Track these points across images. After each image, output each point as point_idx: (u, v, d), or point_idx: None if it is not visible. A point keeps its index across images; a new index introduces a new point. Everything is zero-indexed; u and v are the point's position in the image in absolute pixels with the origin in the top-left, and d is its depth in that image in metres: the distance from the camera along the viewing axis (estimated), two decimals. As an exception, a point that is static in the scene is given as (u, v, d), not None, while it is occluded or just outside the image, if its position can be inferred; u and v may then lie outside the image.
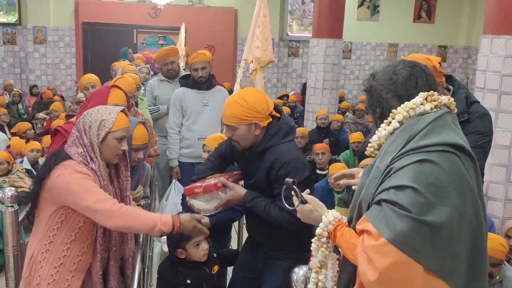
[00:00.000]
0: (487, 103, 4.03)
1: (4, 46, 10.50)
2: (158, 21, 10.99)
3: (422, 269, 1.35)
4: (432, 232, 1.35)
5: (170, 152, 4.35)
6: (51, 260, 2.14)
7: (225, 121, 2.39)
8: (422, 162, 1.40)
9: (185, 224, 2.14)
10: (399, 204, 1.37)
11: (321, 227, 1.66)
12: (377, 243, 1.37)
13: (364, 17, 11.75)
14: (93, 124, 2.13)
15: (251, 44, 4.59)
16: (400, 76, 1.58)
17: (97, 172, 2.11)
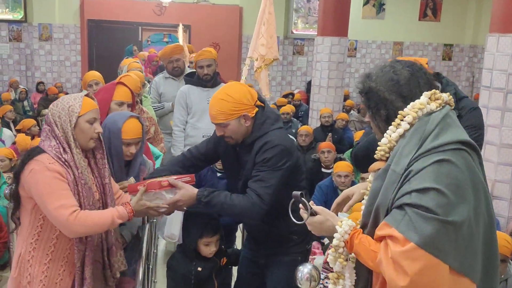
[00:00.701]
0: (494, 101, 4.02)
1: (10, 43, 10.54)
2: (163, 18, 11.00)
3: (448, 269, 1.37)
4: (455, 232, 1.37)
5: (175, 149, 4.35)
6: (40, 258, 2.14)
7: (213, 120, 2.39)
8: (440, 162, 1.41)
9: (136, 208, 2.19)
10: (424, 207, 1.37)
11: (337, 238, 1.61)
12: (405, 248, 1.37)
13: (370, 15, 11.72)
14: (62, 113, 2.11)
15: (256, 41, 4.59)
16: (402, 76, 1.57)
17: (70, 163, 2.09)
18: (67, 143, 2.11)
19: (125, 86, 3.06)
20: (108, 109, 2.94)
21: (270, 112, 2.45)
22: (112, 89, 2.99)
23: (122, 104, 2.98)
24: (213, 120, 2.40)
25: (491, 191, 4.02)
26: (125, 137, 2.54)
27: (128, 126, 2.55)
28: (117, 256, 2.36)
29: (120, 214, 2.13)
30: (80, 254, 2.16)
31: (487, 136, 4.05)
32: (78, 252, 2.15)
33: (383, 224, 1.46)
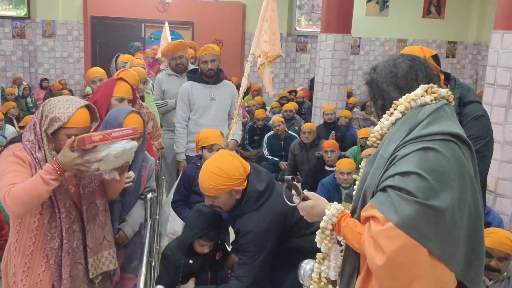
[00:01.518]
0: (497, 99, 4.00)
1: (13, 39, 10.56)
2: (166, 15, 10.98)
3: (427, 253, 1.42)
4: (436, 217, 1.42)
5: (177, 146, 4.35)
6: (22, 249, 2.15)
7: (205, 192, 2.46)
8: (426, 149, 1.47)
9: (62, 161, 1.98)
10: (405, 189, 1.43)
11: (325, 220, 1.69)
12: (384, 227, 1.42)
13: (373, 12, 11.68)
14: (49, 115, 2.07)
15: (259, 38, 4.57)
16: (401, 69, 1.63)
17: (41, 162, 2.05)
18: (43, 143, 2.09)
19: (125, 82, 3.06)
20: (108, 105, 2.93)
21: (252, 190, 2.48)
22: (112, 85, 2.98)
23: (122, 100, 2.97)
24: (205, 192, 2.47)
25: (494, 189, 4.00)
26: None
27: (130, 121, 2.55)
28: (98, 257, 2.30)
29: (46, 170, 1.97)
30: (53, 252, 2.14)
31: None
32: (51, 249, 2.14)
33: (368, 205, 1.53)
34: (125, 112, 2.59)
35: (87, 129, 2.13)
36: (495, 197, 4.01)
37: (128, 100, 3.01)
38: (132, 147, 2.13)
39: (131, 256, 2.70)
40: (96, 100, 2.94)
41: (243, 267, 2.45)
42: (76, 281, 2.22)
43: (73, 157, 1.97)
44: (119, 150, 2.07)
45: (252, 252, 2.44)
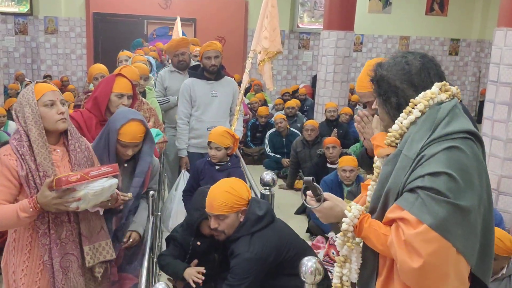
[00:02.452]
0: (500, 96, 3.99)
1: (15, 36, 10.56)
2: (169, 12, 10.98)
3: (455, 251, 1.43)
4: (463, 216, 1.43)
5: (179, 142, 4.35)
6: (20, 248, 2.17)
7: (215, 211, 2.50)
8: (451, 148, 1.47)
9: (41, 201, 2.02)
10: (436, 189, 1.43)
11: (347, 222, 1.63)
12: (419, 230, 1.41)
13: (376, 9, 11.65)
14: (21, 106, 2.14)
15: (260, 35, 4.57)
16: (414, 66, 1.61)
17: (25, 156, 2.09)
18: (27, 135, 2.11)
19: (125, 78, 3.04)
20: (108, 101, 2.92)
21: (251, 213, 2.56)
22: (111, 81, 2.96)
23: (122, 96, 2.94)
24: (214, 211, 2.51)
25: (497, 187, 3.99)
26: (121, 138, 2.52)
27: (127, 129, 2.53)
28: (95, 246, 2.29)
29: (23, 207, 2.03)
30: (46, 247, 2.15)
31: (494, 131, 4.02)
32: (43, 246, 2.15)
33: (395, 207, 1.50)
34: (125, 119, 2.55)
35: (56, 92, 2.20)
36: (497, 194, 4.00)
37: (128, 96, 2.97)
38: (112, 184, 2.16)
39: (131, 256, 2.68)
40: (96, 96, 2.93)
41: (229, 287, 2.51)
42: (70, 273, 2.21)
43: (52, 197, 2.01)
44: (97, 189, 2.09)
45: (238, 276, 2.48)
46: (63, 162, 2.22)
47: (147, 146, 2.66)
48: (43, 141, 2.11)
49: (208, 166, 3.49)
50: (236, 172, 3.48)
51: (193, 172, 3.59)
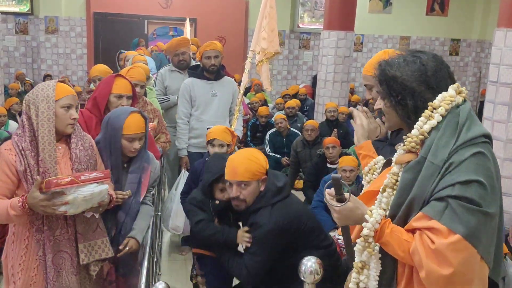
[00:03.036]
0: (500, 97, 3.99)
1: (16, 35, 10.57)
2: (169, 11, 10.98)
3: (480, 258, 1.43)
4: (489, 223, 1.43)
5: (179, 142, 4.36)
6: (19, 242, 2.19)
7: (238, 177, 2.49)
8: (477, 154, 1.45)
9: (29, 201, 2.03)
10: (468, 198, 1.40)
11: (368, 228, 1.55)
12: (451, 240, 1.39)
13: (376, 9, 11.65)
14: (37, 100, 2.14)
15: (258, 35, 4.58)
16: (429, 67, 1.56)
17: (25, 151, 2.11)
18: (32, 130, 2.13)
19: (124, 78, 3.04)
20: (107, 102, 2.92)
21: (271, 184, 2.56)
22: (111, 82, 2.96)
23: (121, 97, 2.94)
24: (237, 177, 2.49)
25: (497, 187, 4.00)
26: (127, 132, 2.52)
27: (130, 121, 2.53)
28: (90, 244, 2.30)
29: (13, 204, 2.06)
30: (40, 243, 2.17)
31: (494, 131, 4.02)
32: (37, 241, 2.17)
33: (421, 215, 1.46)
34: (126, 113, 2.56)
35: (75, 97, 2.24)
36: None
37: (127, 97, 2.97)
38: (102, 190, 2.15)
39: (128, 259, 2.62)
40: (95, 97, 2.93)
41: (252, 257, 2.50)
42: (62, 271, 2.22)
43: (39, 199, 2.01)
44: (87, 194, 2.08)
45: (261, 246, 2.48)
46: (64, 159, 2.23)
47: (145, 145, 2.66)
48: (51, 139, 2.13)
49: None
50: None
51: (192, 173, 3.57)
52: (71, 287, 2.24)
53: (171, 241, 4.76)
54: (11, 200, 2.08)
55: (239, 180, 2.49)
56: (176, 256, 4.48)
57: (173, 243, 4.73)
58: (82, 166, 2.26)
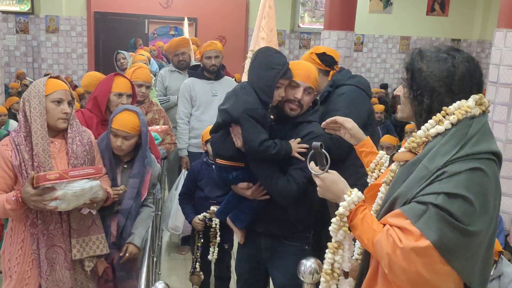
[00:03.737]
0: (500, 97, 3.99)
1: (16, 34, 10.57)
2: (170, 11, 10.99)
3: (450, 269, 1.38)
4: (470, 240, 1.38)
5: (180, 142, 4.36)
6: (16, 236, 2.21)
7: (310, 82, 2.38)
8: (475, 170, 1.39)
9: (22, 195, 2.06)
10: (450, 212, 1.36)
11: (344, 206, 1.59)
12: (420, 245, 1.36)
13: (377, 9, 11.65)
14: (30, 97, 2.18)
15: (257, 35, 4.59)
16: (459, 71, 1.49)
17: (20, 146, 2.14)
18: (27, 126, 2.15)
19: (123, 77, 3.06)
20: (107, 101, 2.93)
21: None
22: (110, 81, 2.97)
23: (120, 95, 2.95)
24: (309, 81, 2.38)
25: (496, 187, 4.00)
26: (113, 126, 2.55)
27: (119, 116, 2.56)
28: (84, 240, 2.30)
29: (8, 199, 2.09)
30: (34, 237, 2.19)
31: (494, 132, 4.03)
32: (31, 235, 2.19)
33: (399, 213, 1.43)
34: (120, 110, 2.60)
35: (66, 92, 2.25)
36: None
37: (127, 95, 2.99)
38: (93, 186, 2.15)
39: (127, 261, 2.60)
40: (95, 96, 2.94)
41: (301, 172, 2.32)
42: (55, 265, 2.23)
43: (30, 194, 2.04)
44: (77, 189, 2.09)
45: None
46: (60, 154, 2.25)
47: (143, 149, 2.63)
48: (43, 133, 2.16)
49: (205, 167, 3.47)
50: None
51: (190, 174, 3.54)
52: (65, 281, 2.25)
53: (170, 241, 4.77)
54: (7, 195, 2.11)
55: (309, 85, 2.36)
56: (176, 256, 4.49)
57: (172, 243, 4.74)
58: (79, 162, 2.27)
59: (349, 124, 2.05)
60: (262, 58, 2.35)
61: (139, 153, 2.63)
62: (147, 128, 2.67)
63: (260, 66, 2.33)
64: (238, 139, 2.29)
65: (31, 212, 2.17)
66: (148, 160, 2.67)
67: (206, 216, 3.35)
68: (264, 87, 2.28)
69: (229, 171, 2.41)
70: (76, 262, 2.30)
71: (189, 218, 3.42)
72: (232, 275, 3.80)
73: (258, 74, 2.32)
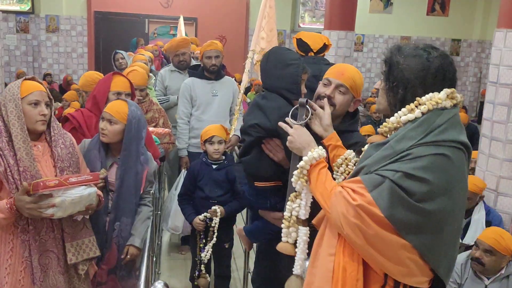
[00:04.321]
0: (500, 97, 3.99)
1: (17, 34, 10.58)
2: (170, 11, 11.00)
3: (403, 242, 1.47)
4: (426, 218, 1.47)
5: (179, 142, 4.36)
6: (3, 246, 2.16)
7: (342, 80, 2.11)
8: (438, 155, 1.49)
9: (16, 204, 2.03)
10: (404, 188, 1.46)
11: (305, 160, 1.74)
12: (372, 210, 1.47)
13: (377, 9, 11.65)
14: (5, 101, 2.11)
15: (258, 35, 4.59)
16: (433, 66, 1.58)
17: (4, 151, 2.07)
18: (7, 131, 2.09)
19: (122, 76, 3.06)
20: (106, 100, 2.94)
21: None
22: (109, 80, 2.98)
23: (119, 94, 2.96)
24: (341, 78, 2.12)
25: (496, 188, 4.00)
26: (105, 109, 2.58)
27: (111, 103, 2.61)
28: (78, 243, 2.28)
29: (0, 207, 2.04)
30: (25, 243, 2.14)
31: (493, 132, 4.03)
32: (23, 242, 2.13)
33: (358, 180, 1.55)
34: (112, 100, 2.66)
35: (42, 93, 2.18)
36: (496, 195, 4.01)
37: (126, 94, 2.99)
38: (91, 193, 2.14)
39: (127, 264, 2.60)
40: (95, 95, 2.95)
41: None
42: (49, 270, 2.19)
43: (26, 201, 2.00)
44: (75, 196, 2.07)
45: None
46: (44, 157, 2.20)
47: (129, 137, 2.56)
48: (24, 136, 2.10)
49: (205, 167, 3.46)
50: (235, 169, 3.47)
51: (189, 174, 3.52)
52: (59, 286, 2.22)
53: (170, 241, 4.77)
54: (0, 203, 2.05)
55: (341, 82, 2.11)
56: (176, 256, 4.49)
57: (172, 242, 4.74)
58: (65, 164, 2.23)
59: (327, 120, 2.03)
60: (276, 58, 2.21)
61: (124, 141, 2.56)
62: (138, 122, 2.60)
63: (277, 66, 2.18)
64: (277, 153, 2.12)
65: (22, 218, 2.12)
66: (145, 157, 2.65)
67: (207, 216, 3.35)
68: (289, 85, 2.13)
69: (267, 196, 2.21)
70: (70, 266, 2.27)
71: (190, 219, 3.42)
72: (232, 275, 3.81)
73: (278, 75, 2.16)
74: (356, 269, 1.54)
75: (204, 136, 3.48)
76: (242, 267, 3.84)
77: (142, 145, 2.64)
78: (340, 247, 1.58)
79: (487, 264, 2.82)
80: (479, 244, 2.85)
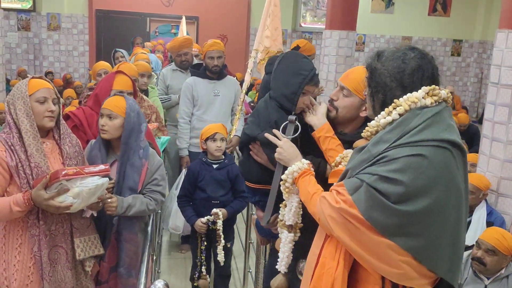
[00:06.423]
0: (501, 98, 3.99)
1: (18, 32, 10.58)
2: (171, 9, 11.00)
3: (391, 244, 1.48)
4: (407, 219, 1.47)
5: (180, 141, 4.36)
6: (11, 243, 2.19)
7: (346, 82, 2.09)
8: (414, 156, 1.48)
9: (33, 197, 2.06)
10: (380, 190, 1.48)
11: (286, 174, 1.86)
12: (352, 212, 1.51)
13: (379, 9, 11.64)
14: (14, 99, 2.16)
15: (262, 34, 4.58)
16: (409, 66, 1.58)
17: (15, 146, 2.12)
18: (17, 128, 2.14)
19: (124, 75, 3.06)
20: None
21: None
22: (111, 79, 2.99)
23: (122, 93, 2.96)
24: (345, 81, 2.10)
25: (497, 188, 4.00)
26: (103, 106, 2.58)
27: (108, 99, 2.62)
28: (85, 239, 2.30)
29: (16, 201, 2.06)
30: (35, 238, 2.16)
31: (494, 132, 4.02)
32: (32, 237, 2.16)
33: (341, 183, 1.60)
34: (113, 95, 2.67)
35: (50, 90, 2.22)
36: (497, 196, 4.00)
37: (128, 93, 2.99)
38: (104, 183, 2.18)
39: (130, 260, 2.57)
40: (97, 94, 2.95)
41: None
42: (57, 265, 2.22)
43: (44, 197, 2.04)
44: (92, 186, 2.11)
45: None
46: (53, 154, 2.24)
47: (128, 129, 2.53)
48: (34, 133, 2.15)
49: (205, 167, 3.45)
50: (235, 168, 3.47)
51: (189, 176, 3.49)
52: (67, 281, 2.25)
53: (170, 240, 4.77)
54: (13, 197, 2.08)
55: (343, 84, 2.09)
56: (176, 255, 4.50)
57: (172, 241, 4.74)
58: (73, 162, 2.28)
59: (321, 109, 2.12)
60: (290, 63, 2.15)
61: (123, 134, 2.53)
62: (137, 115, 2.58)
63: (287, 71, 2.13)
64: (262, 155, 2.13)
65: (31, 213, 2.15)
66: (145, 152, 2.59)
67: (210, 220, 3.33)
68: (289, 93, 2.08)
69: (254, 193, 2.25)
70: (77, 262, 2.30)
71: (191, 221, 3.39)
72: (232, 274, 3.81)
73: (284, 80, 2.12)
74: (335, 267, 1.56)
75: (205, 134, 3.46)
76: (242, 267, 3.85)
77: (142, 139, 2.58)
78: (324, 247, 1.63)
79: (488, 264, 2.82)
80: (480, 244, 2.85)
